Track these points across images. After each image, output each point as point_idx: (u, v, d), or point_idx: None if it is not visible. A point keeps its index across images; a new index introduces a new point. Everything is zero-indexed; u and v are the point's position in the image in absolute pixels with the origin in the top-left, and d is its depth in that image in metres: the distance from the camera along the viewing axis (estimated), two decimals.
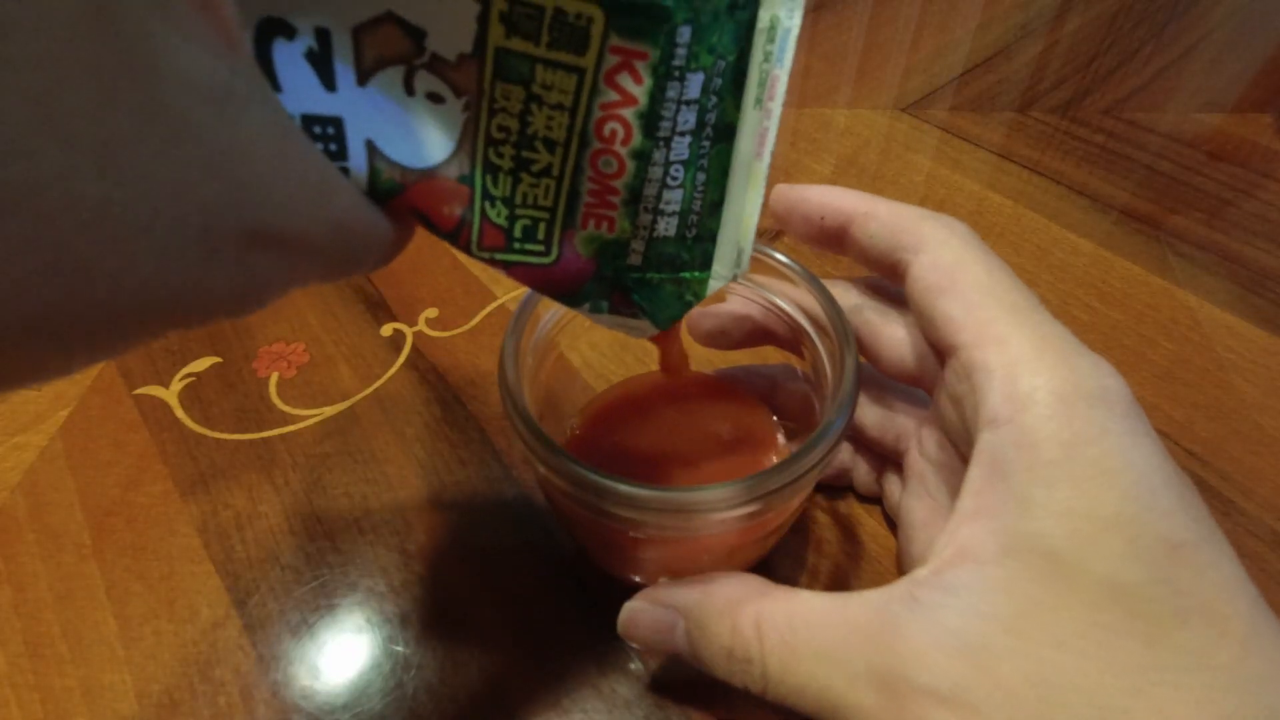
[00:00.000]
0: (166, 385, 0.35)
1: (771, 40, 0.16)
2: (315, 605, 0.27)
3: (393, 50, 0.13)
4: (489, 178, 0.15)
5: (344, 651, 0.26)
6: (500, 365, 0.22)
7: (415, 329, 0.37)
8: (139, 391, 0.34)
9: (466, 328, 0.37)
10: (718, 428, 0.28)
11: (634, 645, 0.24)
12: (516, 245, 0.16)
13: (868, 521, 0.29)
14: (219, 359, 0.36)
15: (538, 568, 0.28)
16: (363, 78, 0.13)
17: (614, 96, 0.15)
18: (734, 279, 0.19)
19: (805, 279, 0.24)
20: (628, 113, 0.15)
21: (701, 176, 0.17)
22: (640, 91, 0.14)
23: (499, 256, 0.16)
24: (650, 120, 0.15)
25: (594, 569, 0.27)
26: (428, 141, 0.14)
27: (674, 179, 0.16)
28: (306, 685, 0.25)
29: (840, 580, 0.27)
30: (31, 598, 0.28)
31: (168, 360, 0.36)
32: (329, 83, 0.13)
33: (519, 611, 0.27)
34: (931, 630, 0.16)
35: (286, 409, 0.33)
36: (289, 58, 0.13)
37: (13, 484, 0.31)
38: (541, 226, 0.16)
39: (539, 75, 0.14)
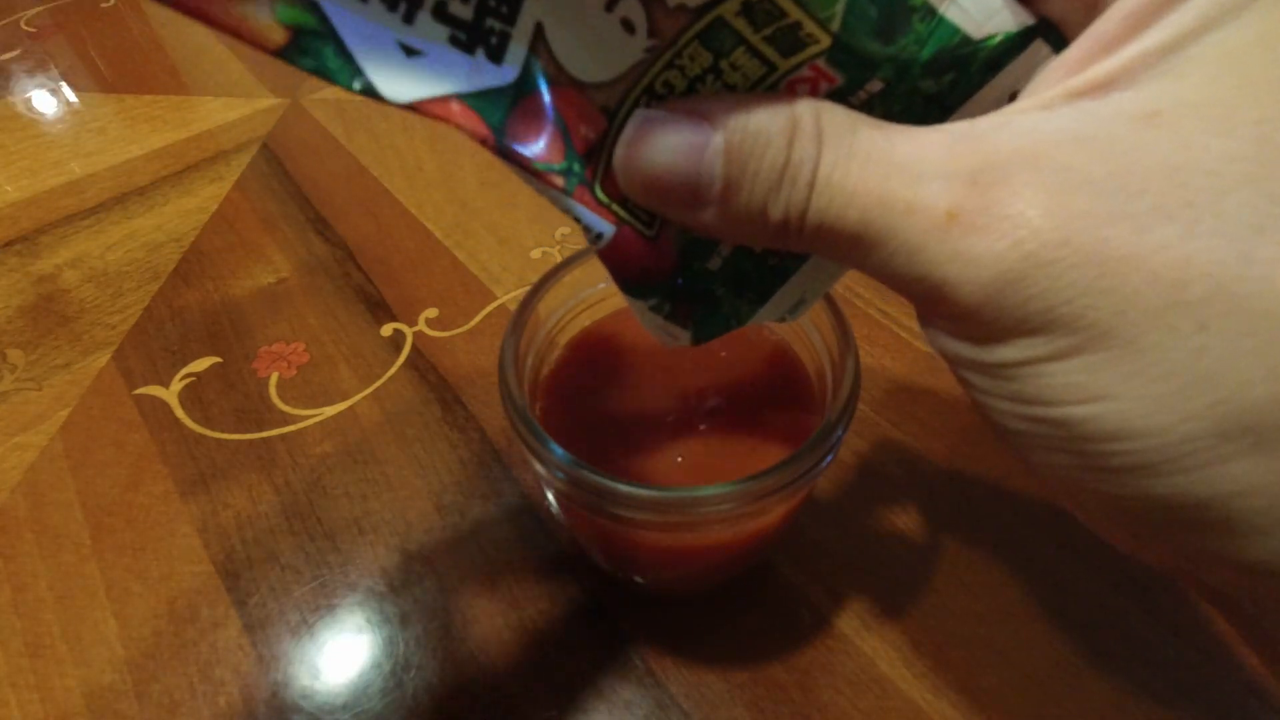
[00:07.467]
0: (166, 385, 0.35)
1: None
2: (315, 605, 0.27)
3: None
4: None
5: (344, 651, 0.26)
6: (500, 365, 0.22)
7: (415, 329, 0.37)
8: (139, 391, 0.34)
9: (466, 328, 0.37)
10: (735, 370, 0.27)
11: (630, 213, 0.16)
12: (630, 205, 0.16)
13: (868, 521, 0.29)
14: (219, 359, 0.36)
15: (538, 568, 0.28)
16: None
17: None
18: (780, 321, 0.19)
19: None
20: None
21: None
22: None
23: (615, 208, 0.16)
24: None
25: (594, 569, 0.27)
26: (596, 57, 0.14)
27: None
28: (306, 685, 0.25)
29: (841, 580, 0.27)
30: (31, 598, 0.28)
31: (168, 360, 0.36)
32: None
33: (519, 611, 0.27)
34: (1055, 127, 0.12)
35: (286, 409, 0.33)
36: None
37: (13, 484, 0.31)
38: None
39: (735, 54, 0.14)
